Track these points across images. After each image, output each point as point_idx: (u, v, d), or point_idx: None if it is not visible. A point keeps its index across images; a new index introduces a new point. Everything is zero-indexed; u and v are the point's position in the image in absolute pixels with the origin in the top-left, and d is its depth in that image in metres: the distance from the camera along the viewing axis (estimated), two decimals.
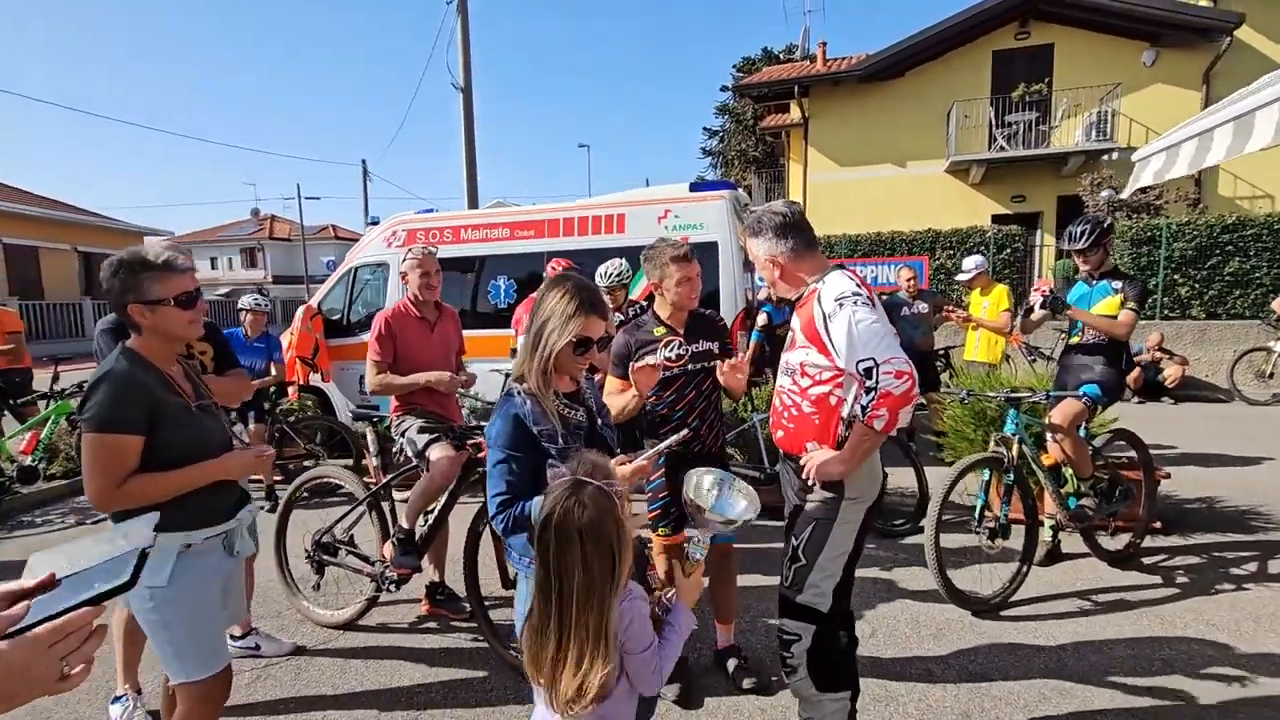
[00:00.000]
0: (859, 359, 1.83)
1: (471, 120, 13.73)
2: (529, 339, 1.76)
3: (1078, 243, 3.65)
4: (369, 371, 3.24)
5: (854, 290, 1.92)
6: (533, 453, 1.68)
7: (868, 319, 1.85)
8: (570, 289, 1.73)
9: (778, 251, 2.09)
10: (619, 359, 2.64)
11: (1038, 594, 3.49)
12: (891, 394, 1.79)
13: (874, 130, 15.67)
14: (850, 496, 2.00)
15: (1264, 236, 10.69)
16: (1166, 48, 13.79)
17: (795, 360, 2.07)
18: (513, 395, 1.73)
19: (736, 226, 5.95)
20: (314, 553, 3.27)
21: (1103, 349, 3.65)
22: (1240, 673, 2.77)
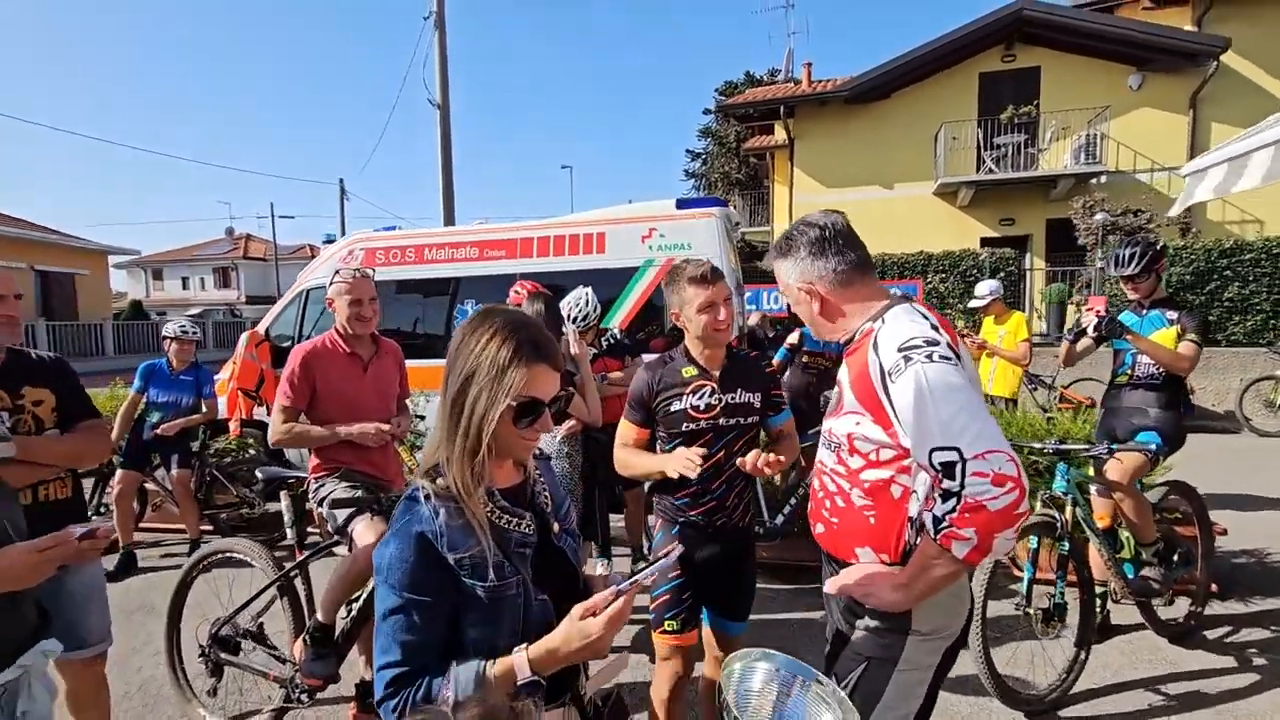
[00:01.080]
0: (934, 445, 1.22)
1: (449, 138, 13.28)
2: (444, 410, 1.16)
3: (1126, 267, 3.14)
4: (274, 419, 2.60)
5: (927, 336, 1.33)
6: (447, 594, 1.08)
7: (950, 382, 1.25)
8: (500, 326, 1.14)
9: (815, 277, 1.51)
10: (638, 401, 2.12)
11: (1097, 683, 2.92)
12: (984, 508, 1.17)
13: (861, 151, 15.40)
14: (921, 631, 1.41)
15: (1262, 261, 10.44)
16: (1153, 72, 13.70)
17: (842, 430, 1.46)
18: (416, 501, 1.12)
19: (727, 246, 5.43)
20: (210, 649, 2.61)
21: (1158, 387, 3.14)
22: None
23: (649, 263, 5.41)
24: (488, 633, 1.09)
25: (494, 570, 1.10)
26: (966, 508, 1.19)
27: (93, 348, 21.02)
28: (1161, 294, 3.27)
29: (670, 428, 2.07)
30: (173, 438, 4.55)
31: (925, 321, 1.38)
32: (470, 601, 1.08)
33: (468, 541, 1.09)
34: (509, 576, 1.11)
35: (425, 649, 1.05)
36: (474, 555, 1.09)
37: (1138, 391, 3.20)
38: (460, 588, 1.08)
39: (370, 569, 2.29)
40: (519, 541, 1.17)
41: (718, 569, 2.14)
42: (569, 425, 3.19)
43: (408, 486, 1.16)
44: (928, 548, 1.28)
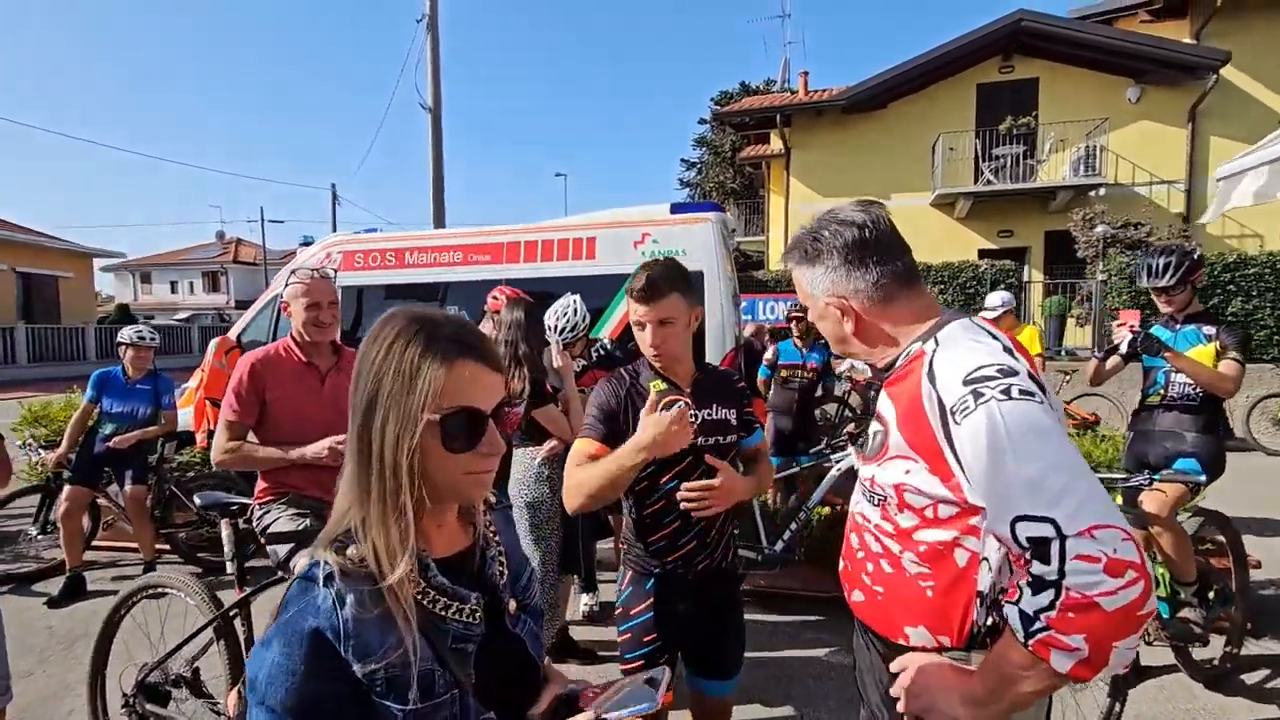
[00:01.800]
0: (1019, 513, 0.93)
1: (440, 142, 13.09)
2: (350, 451, 0.85)
3: (1160, 278, 2.88)
4: (217, 437, 2.31)
5: (1001, 363, 1.04)
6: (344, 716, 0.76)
7: (1037, 427, 0.96)
8: (403, 325, 0.85)
9: (849, 290, 1.22)
10: (606, 414, 1.78)
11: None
12: (1098, 607, 0.86)
13: (857, 161, 15.22)
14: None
15: (1266, 276, 10.28)
16: (1151, 84, 13.59)
17: (888, 480, 1.16)
18: (313, 583, 0.80)
19: (723, 253, 5.16)
20: (135, 699, 2.29)
21: (1195, 409, 2.88)
22: None
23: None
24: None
25: (420, 682, 0.78)
26: (1071, 604, 0.87)
27: (74, 352, 20.62)
28: (1197, 307, 3.01)
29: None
30: (127, 451, 4.23)
31: (995, 342, 1.10)
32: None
33: (385, 641, 0.77)
34: (441, 692, 0.81)
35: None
36: (392, 662, 0.77)
37: (1171, 414, 2.94)
38: (369, 709, 0.77)
39: None
40: (459, 635, 0.85)
41: (701, 624, 1.83)
42: (550, 446, 2.90)
43: (303, 561, 0.84)
44: (1014, 654, 0.95)
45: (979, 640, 1.12)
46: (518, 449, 2.95)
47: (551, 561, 2.89)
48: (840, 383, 8.61)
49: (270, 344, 2.46)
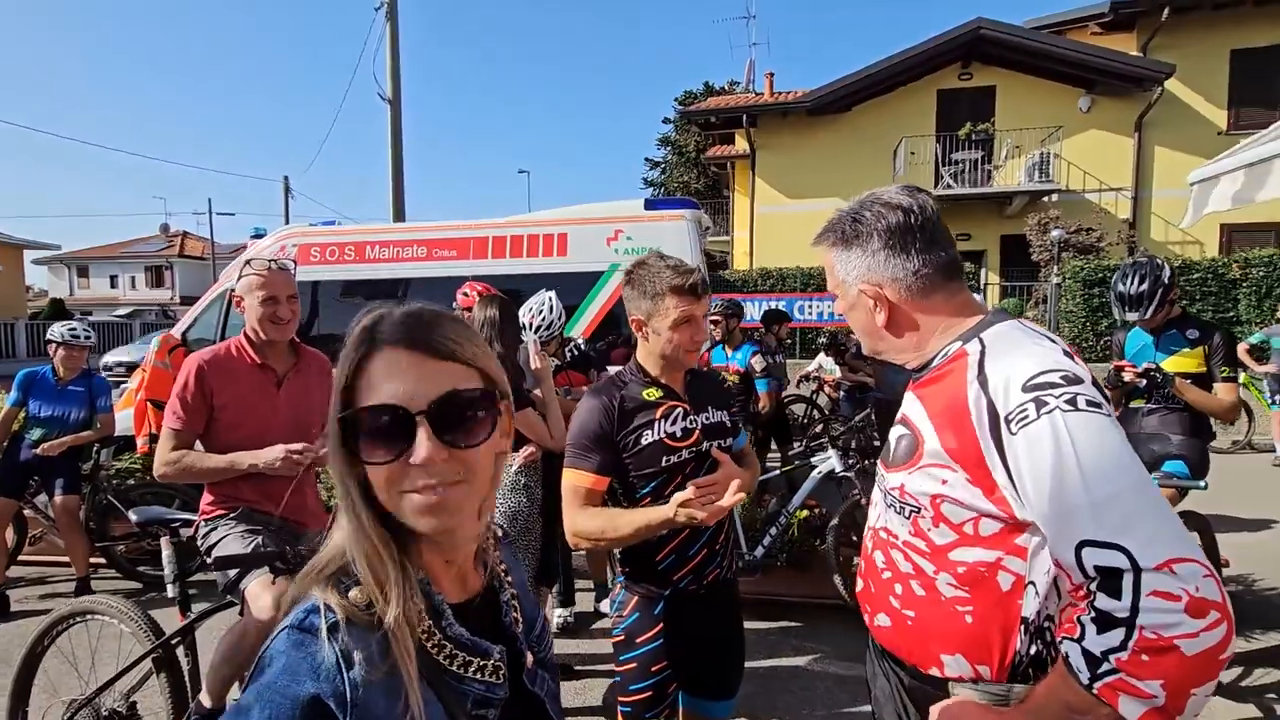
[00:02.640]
0: (1086, 538, 0.84)
1: (399, 134, 12.76)
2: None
3: (1137, 311, 2.87)
4: (160, 446, 2.08)
5: (1065, 370, 0.93)
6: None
7: (1108, 445, 0.87)
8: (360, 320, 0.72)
9: (887, 278, 1.12)
10: (596, 439, 1.62)
11: None
12: (1177, 650, 0.77)
13: (822, 163, 15.36)
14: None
15: (1208, 281, 10.73)
16: (1101, 95, 14.07)
17: (922, 489, 1.06)
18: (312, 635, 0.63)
19: (698, 252, 5.06)
20: None
21: (1181, 410, 2.88)
22: None
23: (615, 267, 5.00)
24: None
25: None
26: (1146, 645, 0.78)
27: (2, 349, 19.40)
28: (1175, 312, 3.03)
29: (642, 466, 1.63)
30: (57, 458, 3.89)
31: (1055, 347, 0.99)
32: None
33: (394, 708, 0.62)
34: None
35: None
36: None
37: (1155, 416, 2.95)
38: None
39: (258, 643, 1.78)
40: (479, 699, 0.70)
41: (710, 643, 1.73)
42: (527, 452, 2.73)
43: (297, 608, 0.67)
44: (1070, 696, 0.85)
45: (1020, 672, 1.02)
46: None
47: (529, 574, 2.73)
48: (808, 383, 8.64)
49: (220, 343, 2.24)
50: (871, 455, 5.23)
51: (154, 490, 4.67)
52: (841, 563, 3.57)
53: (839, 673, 3.17)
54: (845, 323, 6.16)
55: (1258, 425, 8.33)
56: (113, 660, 2.15)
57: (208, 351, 2.16)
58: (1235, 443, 8.56)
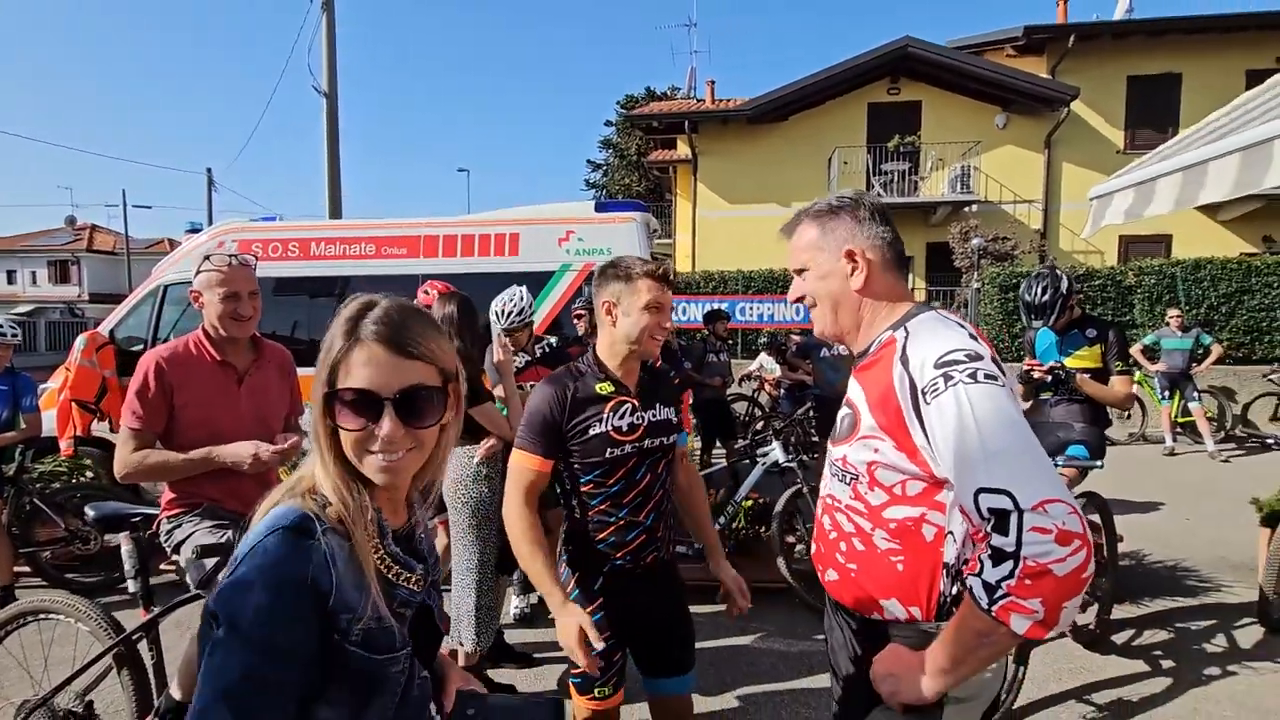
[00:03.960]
0: (981, 485, 1.03)
1: (336, 128, 12.39)
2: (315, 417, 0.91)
3: (1043, 319, 3.25)
4: (120, 446, 2.06)
5: (969, 349, 1.12)
6: (312, 662, 0.82)
7: (999, 408, 1.05)
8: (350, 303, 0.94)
9: (868, 242, 1.28)
10: (543, 425, 1.73)
11: (1029, 698, 2.92)
12: (1050, 573, 0.96)
13: (761, 170, 15.85)
14: (958, 697, 1.20)
15: (1108, 287, 11.67)
16: (1015, 113, 15.09)
17: (859, 459, 1.23)
18: (308, 535, 0.84)
19: (648, 253, 5.22)
20: None
21: (1080, 402, 3.23)
22: None
23: (566, 267, 5.10)
24: (349, 716, 0.87)
25: (386, 638, 0.88)
26: (1028, 572, 0.97)
27: None
28: (1076, 314, 3.39)
29: (587, 456, 1.75)
30: None
31: (962, 330, 1.18)
32: (342, 675, 0.84)
33: (360, 599, 0.85)
34: (400, 648, 0.91)
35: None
36: (368, 616, 0.85)
37: (1060, 407, 3.29)
38: (337, 658, 0.83)
39: None
40: (403, 600, 0.94)
41: (653, 618, 1.85)
42: (488, 444, 2.82)
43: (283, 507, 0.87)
44: (976, 622, 1.04)
45: (946, 610, 1.21)
46: (457, 448, 2.83)
47: (489, 562, 2.81)
48: (750, 382, 8.95)
49: (177, 339, 2.22)
50: (809, 450, 5.52)
51: (83, 493, 4.48)
52: (785, 548, 3.80)
53: (782, 649, 3.38)
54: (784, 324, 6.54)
55: (1150, 419, 9.15)
56: (66, 661, 2.11)
57: (165, 348, 2.15)
58: (1131, 435, 9.38)
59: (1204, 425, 8.10)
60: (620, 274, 1.78)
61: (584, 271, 5.04)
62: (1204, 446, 8.06)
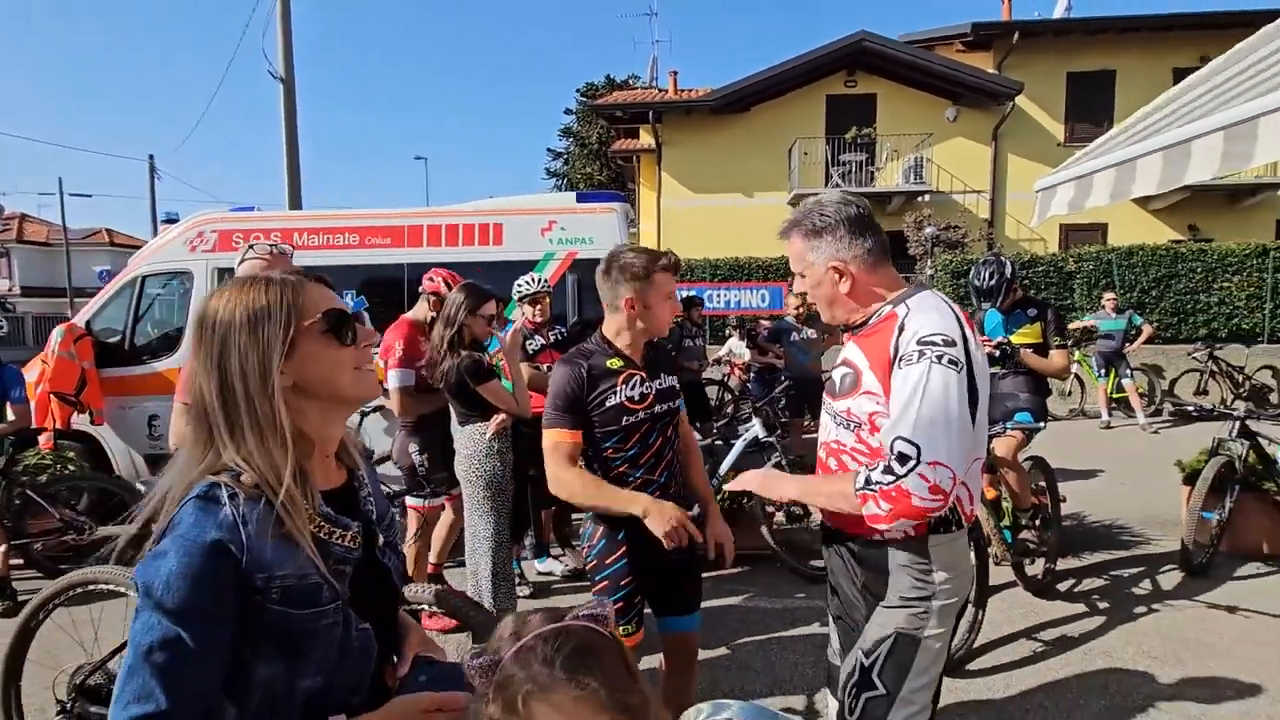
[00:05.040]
0: (901, 434, 1.35)
1: (294, 115, 12.16)
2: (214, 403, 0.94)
3: (990, 301, 3.64)
4: (176, 419, 2.20)
5: (948, 335, 1.40)
6: (236, 623, 0.87)
7: (946, 391, 1.36)
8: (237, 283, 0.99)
9: (850, 256, 1.53)
10: (569, 402, 1.93)
11: (987, 638, 3.28)
12: (909, 500, 1.33)
13: (724, 160, 16.17)
14: (942, 597, 1.47)
15: (1050, 274, 12.40)
16: (965, 106, 15.76)
17: (862, 410, 1.50)
18: (214, 502, 0.89)
19: (627, 242, 5.44)
20: (74, 703, 2.13)
21: (1024, 374, 3.61)
22: (1200, 704, 2.69)
23: (549, 256, 5.27)
24: (287, 671, 0.91)
25: (309, 594, 0.91)
26: (899, 491, 1.34)
27: None
28: (1019, 295, 3.76)
29: (606, 424, 1.97)
30: None
31: (951, 314, 1.45)
32: (270, 632, 0.88)
33: (280, 557, 0.88)
34: (328, 602, 0.93)
35: (203, 699, 0.84)
36: (287, 575, 0.89)
37: (1007, 379, 3.66)
38: (260, 615, 0.87)
39: None
40: (340, 557, 0.97)
41: (668, 563, 2.05)
42: (499, 420, 3.01)
43: (195, 485, 0.91)
44: (845, 487, 1.44)
45: (933, 527, 1.48)
46: (467, 425, 3.02)
47: (504, 531, 3.01)
48: (720, 366, 9.27)
49: None
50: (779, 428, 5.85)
51: (69, 485, 4.49)
52: (767, 517, 4.10)
53: (768, 606, 3.69)
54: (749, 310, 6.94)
55: (1089, 395, 9.83)
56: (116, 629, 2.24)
57: None
58: (1071, 411, 10.05)
59: (1136, 400, 8.76)
60: (638, 273, 1.95)
61: (567, 260, 5.23)
62: (1136, 420, 8.73)
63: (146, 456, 5.17)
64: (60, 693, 2.15)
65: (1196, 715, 2.66)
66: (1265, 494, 4.17)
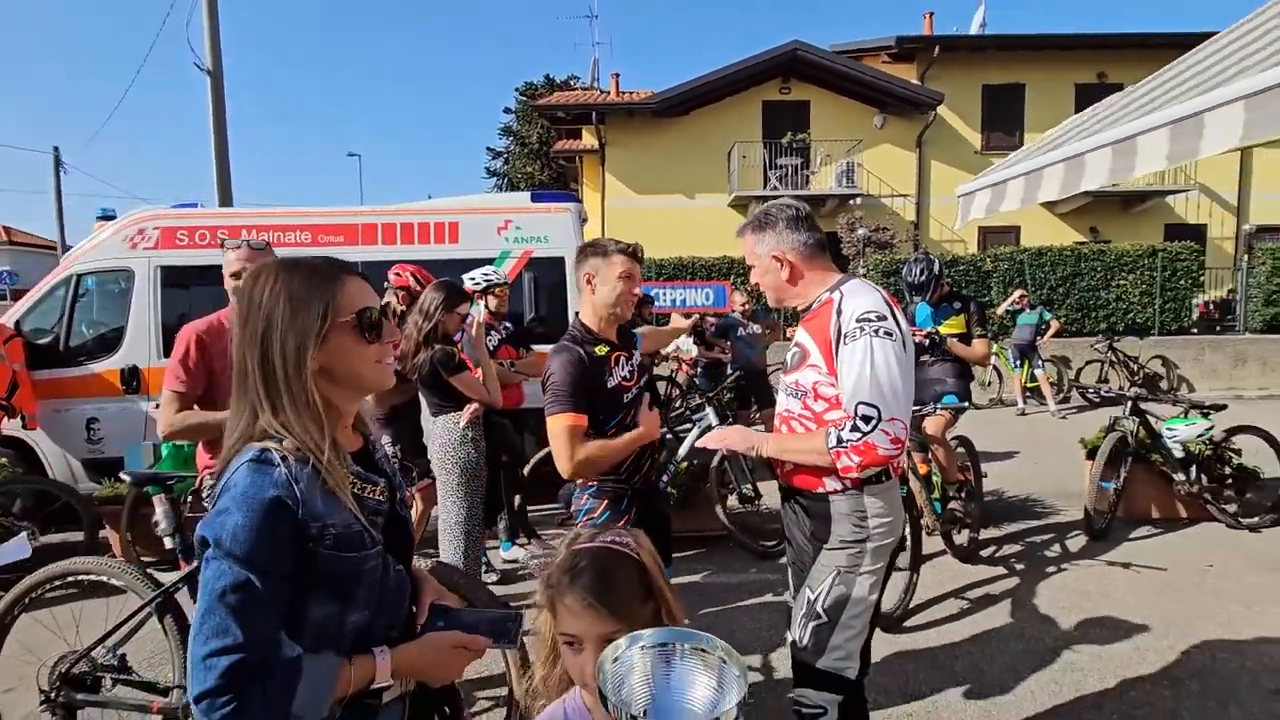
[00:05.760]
0: (864, 399, 1.62)
1: (222, 110, 11.70)
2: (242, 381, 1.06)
3: (922, 295, 4.03)
4: (166, 407, 2.25)
5: (880, 311, 1.67)
6: (294, 569, 0.99)
7: (891, 358, 1.63)
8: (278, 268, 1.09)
9: (789, 246, 1.80)
10: (578, 387, 2.02)
11: (920, 599, 3.63)
12: (875, 450, 1.61)
13: (666, 162, 16.50)
14: (875, 540, 1.74)
15: (969, 272, 13.26)
16: (891, 115, 16.62)
17: (808, 381, 1.78)
18: (269, 464, 0.99)
19: (580, 240, 5.61)
20: (58, 692, 2.15)
21: (951, 361, 3.99)
22: (1098, 645, 3.11)
23: (505, 254, 5.39)
24: (339, 609, 1.03)
25: (355, 540, 1.04)
26: (867, 446, 1.61)
27: None
28: (945, 290, 4.16)
29: (610, 406, 2.11)
30: None
31: (878, 294, 1.73)
32: (323, 576, 1.00)
33: (329, 509, 1.02)
34: (370, 547, 1.06)
35: (270, 633, 0.95)
36: (336, 524, 1.02)
37: (936, 366, 4.04)
38: (314, 561, 0.99)
39: None
40: (373, 509, 1.10)
41: (655, 523, 2.27)
42: (472, 409, 3.14)
43: (243, 451, 1.03)
44: (819, 444, 1.68)
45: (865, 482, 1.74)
46: (441, 416, 3.14)
47: (477, 518, 3.14)
48: (667, 363, 9.53)
49: (209, 316, 2.41)
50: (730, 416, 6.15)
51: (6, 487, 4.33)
52: (721, 499, 4.36)
53: (726, 581, 3.94)
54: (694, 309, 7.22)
55: (1007, 385, 10.62)
56: (98, 619, 2.27)
57: (202, 323, 2.34)
58: (991, 400, 10.82)
59: (1047, 389, 9.56)
60: (598, 251, 2.13)
61: (523, 258, 5.36)
62: (1048, 407, 9.52)
63: (85, 461, 5.00)
64: (43, 683, 2.17)
65: (1095, 652, 3.06)
66: (1153, 465, 4.73)
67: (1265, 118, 1.92)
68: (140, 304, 5.02)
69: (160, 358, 5.07)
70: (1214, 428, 4.63)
